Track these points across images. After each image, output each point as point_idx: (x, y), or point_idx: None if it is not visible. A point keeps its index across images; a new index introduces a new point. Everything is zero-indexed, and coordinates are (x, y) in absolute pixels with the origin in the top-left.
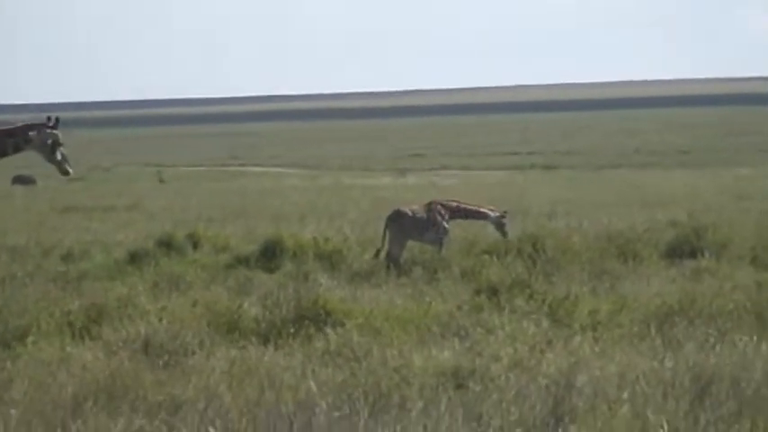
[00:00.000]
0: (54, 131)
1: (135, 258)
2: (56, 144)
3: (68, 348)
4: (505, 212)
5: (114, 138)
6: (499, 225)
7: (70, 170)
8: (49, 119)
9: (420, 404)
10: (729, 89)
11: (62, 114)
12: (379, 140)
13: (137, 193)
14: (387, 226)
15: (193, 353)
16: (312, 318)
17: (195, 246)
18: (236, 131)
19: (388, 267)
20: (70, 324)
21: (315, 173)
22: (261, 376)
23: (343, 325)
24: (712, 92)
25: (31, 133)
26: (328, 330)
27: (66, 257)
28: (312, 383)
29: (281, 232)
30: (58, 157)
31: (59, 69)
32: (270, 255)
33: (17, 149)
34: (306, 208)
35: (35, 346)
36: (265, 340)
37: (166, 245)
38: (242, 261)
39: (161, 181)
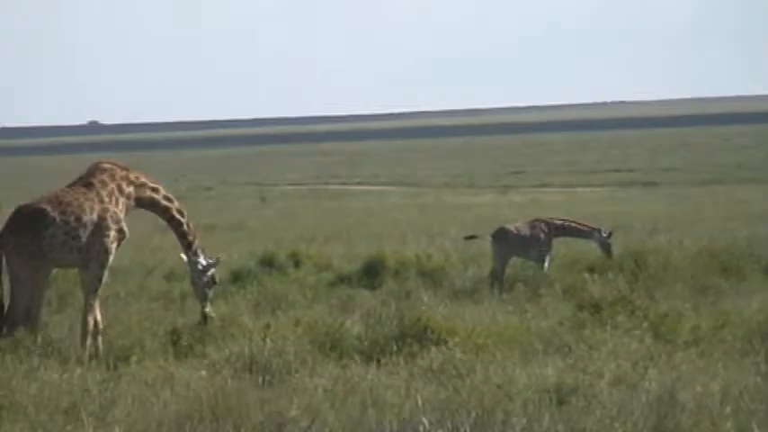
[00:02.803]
0: (211, 261)
1: (237, 277)
2: (205, 271)
3: (172, 367)
4: (611, 233)
5: (216, 157)
6: (604, 246)
7: (208, 310)
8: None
9: (523, 420)
10: None
11: (164, 134)
12: (481, 158)
13: (239, 212)
14: (492, 243)
15: (296, 371)
16: (415, 335)
17: (297, 264)
18: (337, 150)
19: (491, 285)
20: (174, 343)
21: (416, 191)
22: (364, 394)
23: (445, 342)
24: None
25: (198, 245)
26: (431, 348)
27: (169, 277)
28: (415, 401)
29: (383, 250)
30: (203, 282)
31: (151, 90)
32: (372, 273)
33: (189, 246)
34: (407, 226)
35: (139, 365)
36: (368, 358)
37: (269, 264)
38: (344, 279)
39: (263, 200)
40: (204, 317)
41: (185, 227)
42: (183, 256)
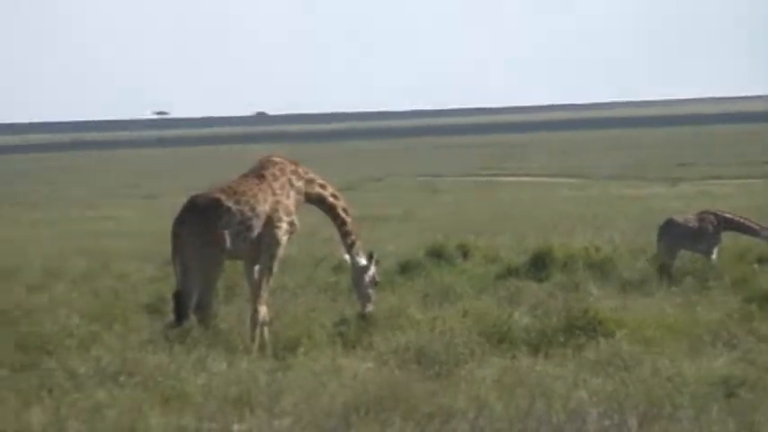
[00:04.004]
0: (374, 267)
1: (405, 269)
2: (373, 279)
3: (339, 359)
4: None
5: (386, 148)
6: None
7: (369, 310)
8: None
9: (691, 413)
10: None
11: (331, 125)
12: (650, 149)
13: (408, 204)
14: (659, 235)
15: (465, 363)
16: (582, 327)
17: (465, 256)
18: (506, 141)
19: (659, 277)
20: (341, 335)
21: (584, 182)
22: (531, 385)
23: (613, 334)
24: None
25: (361, 251)
26: (599, 340)
27: (337, 268)
28: (583, 392)
29: (551, 242)
30: (367, 294)
31: (330, 80)
32: (540, 265)
33: (351, 246)
34: (575, 218)
35: (306, 356)
36: (535, 350)
37: (437, 255)
38: (512, 271)
39: (433, 191)
40: (364, 317)
41: (349, 226)
42: (347, 257)
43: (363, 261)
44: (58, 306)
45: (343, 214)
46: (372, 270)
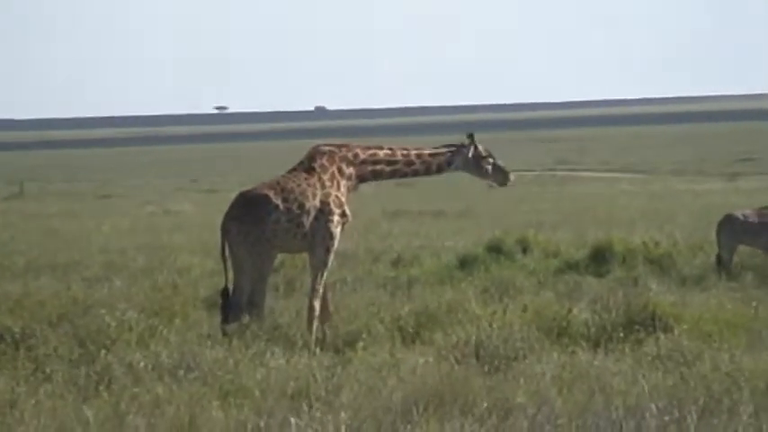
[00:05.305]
0: (473, 148)
1: (465, 263)
2: (479, 159)
3: (398, 353)
4: None
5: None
6: None
7: (510, 177)
8: (469, 136)
9: (750, 408)
10: None
11: (389, 120)
12: (710, 144)
13: (466, 199)
14: (718, 230)
15: (524, 358)
16: (642, 322)
17: (525, 251)
18: (565, 136)
19: (718, 272)
20: (400, 329)
21: (645, 178)
22: (591, 381)
23: (672, 329)
24: None
25: (452, 156)
26: (658, 335)
27: (396, 263)
28: (642, 387)
29: (611, 237)
30: (488, 170)
31: (381, 77)
32: (599, 260)
33: (440, 170)
34: (635, 213)
35: (365, 351)
36: (595, 345)
37: (496, 250)
38: (572, 266)
39: (490, 186)
40: (503, 182)
41: (420, 165)
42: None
43: (458, 159)
44: (117, 300)
45: (407, 168)
46: (471, 151)
